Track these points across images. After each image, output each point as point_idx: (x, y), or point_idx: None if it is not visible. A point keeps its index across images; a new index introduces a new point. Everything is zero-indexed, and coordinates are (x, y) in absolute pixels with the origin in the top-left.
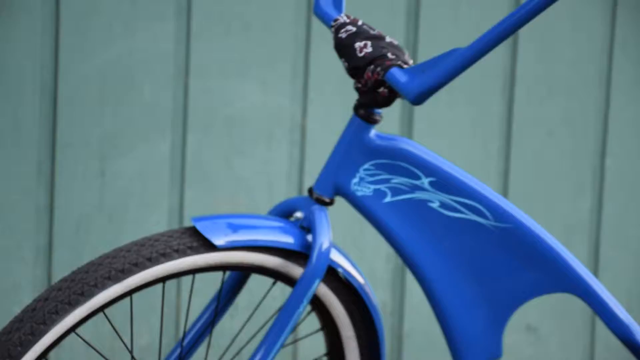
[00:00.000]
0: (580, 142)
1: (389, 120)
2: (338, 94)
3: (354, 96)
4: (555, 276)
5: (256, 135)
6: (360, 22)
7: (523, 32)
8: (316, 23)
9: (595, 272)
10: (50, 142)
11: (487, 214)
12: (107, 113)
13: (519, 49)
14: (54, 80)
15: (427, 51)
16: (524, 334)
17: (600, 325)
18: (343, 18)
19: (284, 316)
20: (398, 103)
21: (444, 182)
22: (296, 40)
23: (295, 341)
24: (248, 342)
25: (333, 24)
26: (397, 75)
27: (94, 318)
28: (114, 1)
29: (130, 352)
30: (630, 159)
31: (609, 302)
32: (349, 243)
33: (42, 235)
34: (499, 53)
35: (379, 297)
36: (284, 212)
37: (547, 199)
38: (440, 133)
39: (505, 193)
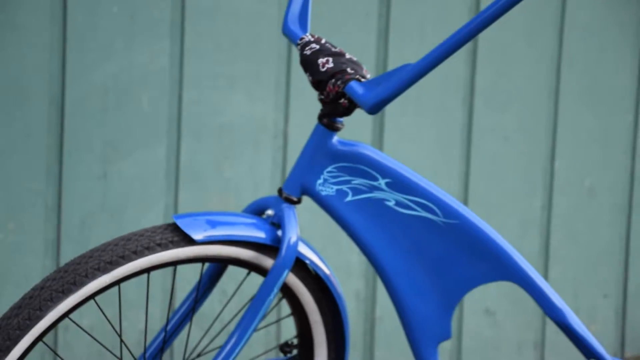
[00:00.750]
0: (533, 146)
1: (362, 128)
2: (316, 104)
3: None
4: (497, 266)
5: (243, 141)
6: (323, 41)
7: (482, 48)
8: None
9: (546, 262)
10: (58, 148)
11: (437, 211)
12: (109, 121)
13: (477, 64)
14: (61, 92)
15: (396, 64)
16: (483, 318)
17: None
18: (308, 37)
19: (257, 303)
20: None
21: (399, 183)
22: (279, 56)
23: (267, 325)
24: (225, 325)
25: (299, 42)
26: (355, 87)
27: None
28: (115, 21)
29: (119, 335)
30: (576, 162)
31: (545, 289)
32: (328, 239)
33: (50, 231)
34: (461, 68)
35: (353, 285)
36: (256, 210)
37: (504, 197)
38: (409, 139)
39: (466, 193)
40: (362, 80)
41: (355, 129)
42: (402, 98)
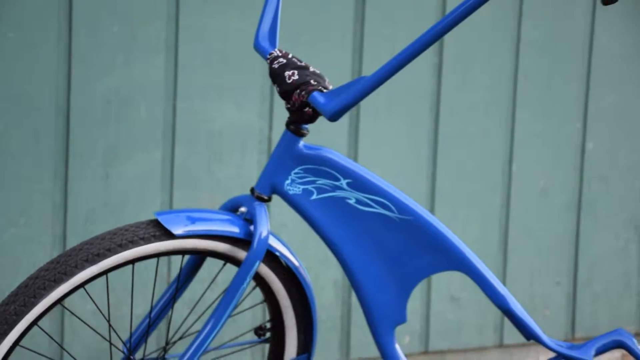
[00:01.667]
0: (493, 150)
1: (339, 133)
2: None
3: None
4: (446, 257)
5: (231, 146)
6: (290, 55)
7: (446, 63)
8: None
9: (505, 254)
10: (64, 152)
11: (393, 208)
12: (110, 128)
13: (443, 77)
14: (66, 102)
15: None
16: (448, 304)
17: (510, 291)
18: (276, 52)
19: (231, 291)
20: (345, 120)
21: (359, 183)
22: (263, 69)
23: (241, 312)
24: (204, 312)
25: (268, 56)
26: (318, 98)
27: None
28: (115, 39)
29: (108, 320)
30: (531, 165)
31: (489, 277)
32: (309, 233)
33: (57, 226)
34: (428, 80)
35: (332, 275)
36: (231, 207)
37: (467, 196)
38: (382, 144)
39: (433, 192)
40: (324, 91)
41: (333, 134)
42: (376, 107)
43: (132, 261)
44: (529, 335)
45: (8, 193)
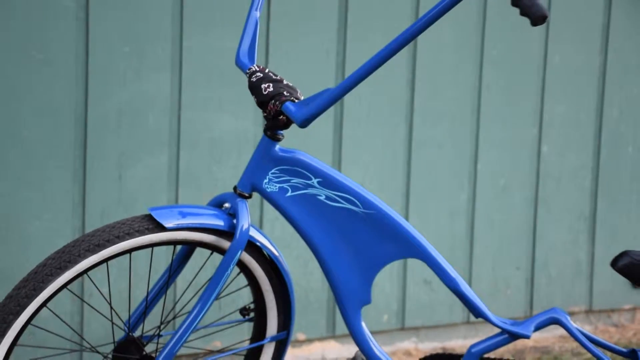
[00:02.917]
0: (460, 153)
1: (325, 139)
2: None
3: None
4: (405, 247)
5: (229, 150)
6: (267, 70)
7: (419, 77)
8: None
9: (471, 243)
10: (82, 156)
11: (358, 203)
12: (123, 135)
13: (415, 89)
14: (84, 113)
15: (353, 92)
16: (422, 286)
17: (476, 278)
18: (254, 67)
19: (217, 277)
20: (330, 127)
21: (328, 182)
22: None
23: (228, 294)
24: (193, 295)
25: (247, 71)
26: (290, 107)
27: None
28: (127, 58)
29: (109, 302)
30: (493, 165)
31: (442, 263)
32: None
33: (77, 220)
34: (403, 92)
35: (316, 265)
36: (217, 203)
37: (438, 192)
38: (362, 148)
39: (408, 190)
40: (296, 101)
41: (320, 138)
42: (357, 115)
43: (129, 251)
44: (477, 313)
45: (34, 192)
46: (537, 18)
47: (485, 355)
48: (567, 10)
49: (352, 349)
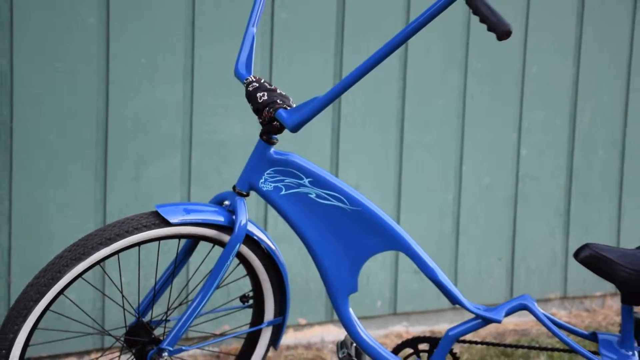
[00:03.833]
0: (446, 156)
1: (324, 142)
2: None
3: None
4: (387, 240)
5: (235, 152)
6: (262, 80)
7: (409, 87)
8: (275, 81)
9: (457, 237)
10: (103, 158)
11: (345, 201)
12: (139, 139)
13: (406, 97)
14: (105, 118)
15: (350, 100)
16: (412, 275)
17: (461, 268)
18: (251, 78)
19: (217, 268)
20: (328, 132)
21: (318, 181)
22: None
23: (229, 283)
24: (196, 285)
25: (245, 81)
26: (282, 114)
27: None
28: (143, 68)
29: (121, 291)
30: (477, 167)
31: (422, 255)
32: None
33: (98, 217)
34: (395, 101)
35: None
36: (218, 201)
37: (427, 191)
38: (358, 151)
39: (399, 189)
40: (288, 108)
41: (319, 142)
42: (353, 121)
43: (138, 244)
44: (453, 300)
45: (59, 191)
46: (502, 33)
47: (461, 338)
48: (544, 26)
49: None
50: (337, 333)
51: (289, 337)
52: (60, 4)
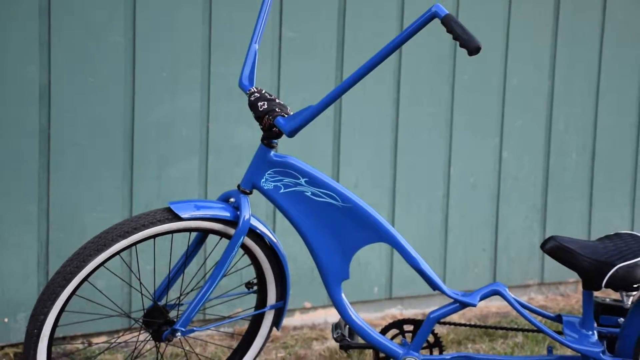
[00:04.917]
0: (436, 158)
1: (326, 146)
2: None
3: (300, 135)
4: (375, 233)
5: (247, 155)
6: (263, 91)
7: (403, 96)
8: (282, 92)
9: (446, 231)
10: (130, 160)
11: (338, 198)
12: (162, 144)
13: (400, 106)
14: (131, 126)
15: (349, 109)
16: (406, 264)
17: (450, 258)
18: (253, 89)
19: (224, 258)
20: (330, 137)
21: (313, 181)
22: None
23: (235, 272)
24: (205, 274)
25: (248, 92)
26: (280, 120)
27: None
28: (164, 81)
29: (138, 278)
30: (464, 167)
31: (406, 246)
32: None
33: (125, 212)
34: (389, 109)
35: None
36: (225, 198)
37: (419, 190)
38: (357, 154)
39: (394, 188)
40: (285, 116)
41: (322, 146)
42: (352, 127)
43: (153, 236)
44: (434, 286)
45: (90, 189)
46: (473, 49)
47: (442, 320)
48: (522, 44)
49: None
50: (339, 316)
51: (295, 319)
52: (92, 25)
